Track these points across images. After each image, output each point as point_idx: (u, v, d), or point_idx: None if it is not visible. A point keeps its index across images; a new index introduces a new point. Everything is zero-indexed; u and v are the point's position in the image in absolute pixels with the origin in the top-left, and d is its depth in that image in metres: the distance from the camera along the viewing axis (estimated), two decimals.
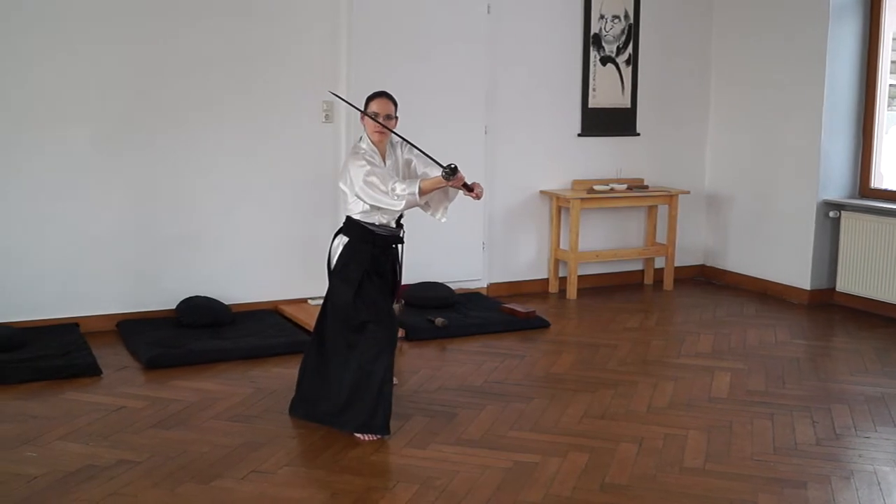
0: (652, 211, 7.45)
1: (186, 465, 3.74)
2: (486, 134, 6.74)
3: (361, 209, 4.20)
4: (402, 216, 4.34)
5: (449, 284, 6.51)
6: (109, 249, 5.72)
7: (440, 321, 5.80)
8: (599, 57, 7.17)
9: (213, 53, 5.86)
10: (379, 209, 4.17)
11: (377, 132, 4.24)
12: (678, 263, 7.51)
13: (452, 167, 3.96)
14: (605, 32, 7.17)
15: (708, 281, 7.70)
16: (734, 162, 7.50)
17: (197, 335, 5.48)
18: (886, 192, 6.68)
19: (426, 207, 4.28)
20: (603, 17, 7.14)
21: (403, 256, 4.46)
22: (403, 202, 4.04)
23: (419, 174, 4.33)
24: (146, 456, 3.81)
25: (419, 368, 5.10)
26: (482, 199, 4.34)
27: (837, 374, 5.18)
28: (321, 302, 4.39)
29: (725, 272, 7.60)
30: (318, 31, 6.15)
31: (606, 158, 7.31)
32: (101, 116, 5.62)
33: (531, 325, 6.03)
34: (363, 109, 4.30)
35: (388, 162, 4.31)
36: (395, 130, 4.28)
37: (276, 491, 3.52)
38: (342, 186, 4.25)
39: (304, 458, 3.90)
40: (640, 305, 6.79)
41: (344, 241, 4.24)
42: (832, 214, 6.75)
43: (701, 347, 5.65)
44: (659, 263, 7.51)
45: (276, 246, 6.19)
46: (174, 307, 5.85)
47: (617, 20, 7.20)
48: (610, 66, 7.23)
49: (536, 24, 6.91)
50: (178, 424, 4.18)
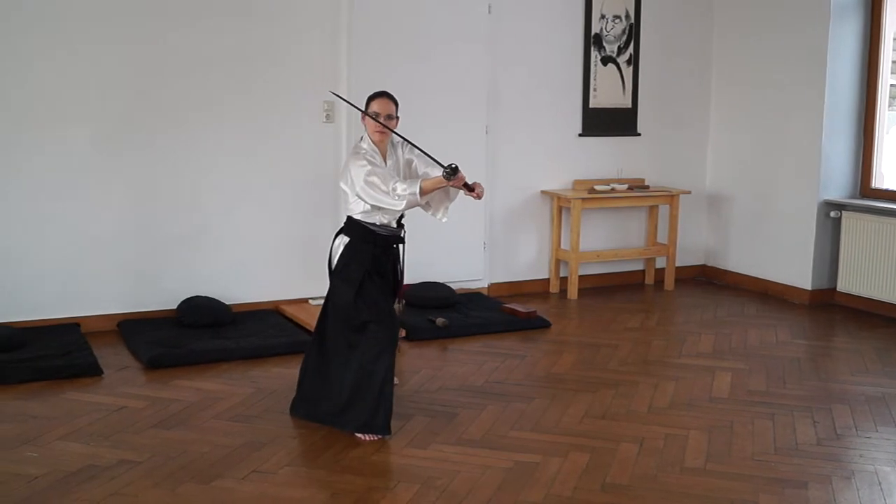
0: (653, 211, 7.45)
1: (187, 465, 3.74)
2: (486, 134, 6.74)
3: (362, 209, 4.20)
4: (402, 216, 4.34)
5: (450, 284, 6.51)
6: (110, 249, 5.72)
7: (441, 321, 5.80)
8: (600, 57, 7.17)
9: (213, 53, 5.87)
10: (380, 209, 4.17)
11: (378, 132, 4.24)
12: (679, 263, 7.51)
13: (453, 167, 3.96)
14: (605, 32, 7.16)
15: (709, 281, 7.70)
16: (735, 162, 7.50)
17: (198, 335, 5.48)
18: (887, 192, 6.67)
19: (427, 207, 4.28)
20: (604, 17, 7.14)
21: (405, 256, 4.46)
22: (404, 202, 4.04)
23: (420, 174, 4.33)
24: (147, 456, 3.81)
25: (420, 368, 5.10)
26: (483, 198, 4.34)
27: (838, 374, 5.18)
28: (322, 302, 4.38)
29: (726, 272, 7.59)
30: (318, 30, 6.15)
31: (607, 158, 7.31)
32: (101, 116, 5.62)
33: (532, 325, 6.03)
34: (364, 109, 4.30)
35: (388, 162, 4.31)
36: (395, 130, 4.28)
37: (276, 491, 3.52)
38: (343, 186, 4.25)
39: (304, 458, 3.90)
40: (641, 305, 6.79)
41: (345, 240, 4.24)
42: (833, 214, 6.75)
43: (702, 347, 5.65)
44: (660, 263, 7.51)
45: (276, 246, 6.19)
46: (175, 307, 5.85)
47: (618, 20, 7.20)
48: (611, 66, 7.22)
49: (537, 24, 6.90)
50: (178, 424, 4.18)
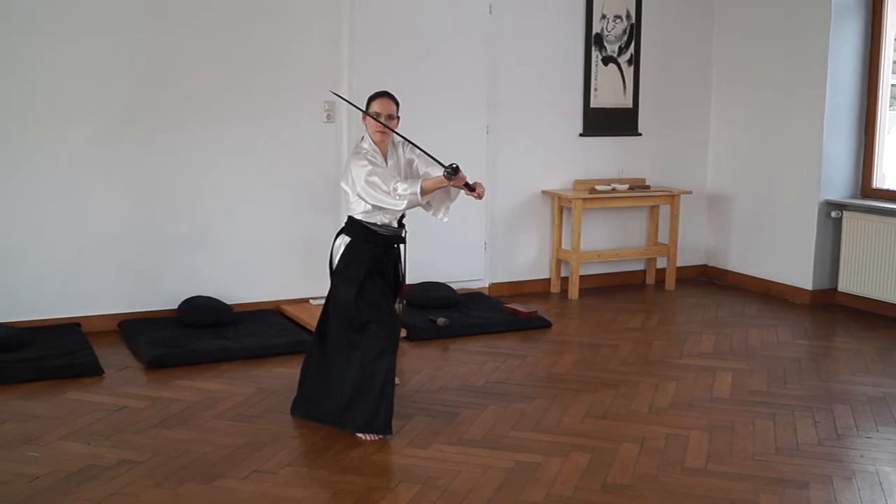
0: (654, 211, 7.45)
1: (188, 464, 3.74)
2: (487, 134, 6.74)
3: (363, 209, 4.20)
4: (403, 216, 4.34)
5: (451, 284, 6.51)
6: (111, 249, 5.72)
7: (442, 321, 5.80)
8: (601, 57, 7.17)
9: (214, 53, 5.87)
10: (381, 209, 4.17)
11: (379, 132, 4.25)
12: (680, 263, 7.50)
13: (454, 167, 3.97)
14: (606, 32, 7.16)
15: (710, 281, 7.70)
16: (736, 162, 7.49)
17: (199, 335, 5.49)
18: (888, 192, 6.67)
19: (428, 207, 4.28)
20: (604, 17, 7.14)
21: (406, 256, 4.46)
22: (405, 202, 4.04)
23: (421, 174, 4.33)
24: (148, 456, 3.81)
25: (421, 368, 5.10)
26: (484, 198, 4.34)
27: (839, 374, 5.18)
28: (323, 302, 4.38)
29: (727, 272, 7.59)
30: (319, 30, 6.15)
31: (608, 158, 7.31)
32: (101, 116, 5.62)
33: (533, 325, 6.03)
34: (365, 109, 4.30)
35: (389, 162, 4.31)
36: (396, 130, 4.28)
37: (277, 491, 3.52)
38: (344, 186, 4.25)
39: (305, 457, 3.90)
40: (641, 305, 6.79)
41: (346, 240, 4.24)
42: (834, 214, 6.75)
43: (703, 347, 5.65)
44: (661, 263, 7.50)
45: (277, 246, 6.19)
46: (176, 307, 5.85)
47: (618, 20, 7.20)
48: (612, 65, 7.22)
49: (538, 24, 6.90)
50: (179, 424, 4.18)
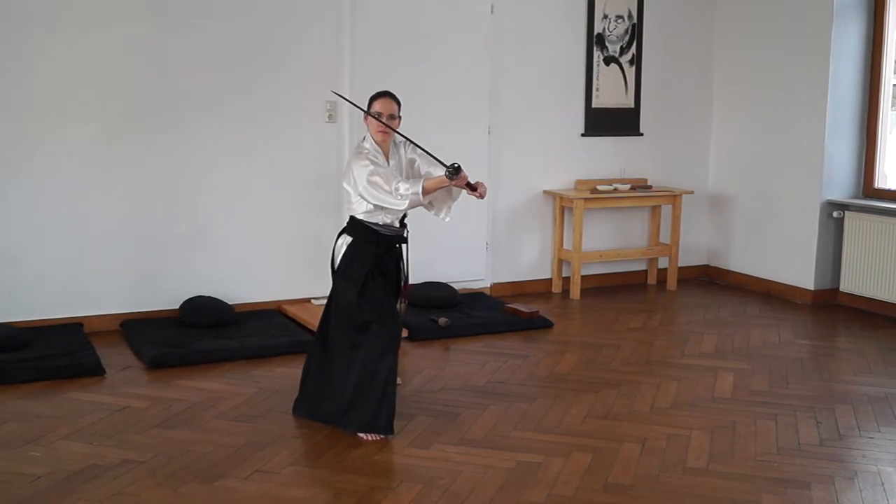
0: (655, 211, 7.45)
1: (190, 464, 3.74)
2: (489, 134, 6.74)
3: (365, 209, 4.20)
4: (405, 216, 4.33)
5: (452, 284, 6.51)
6: (112, 249, 5.72)
7: (443, 321, 5.80)
8: (603, 57, 7.17)
9: (215, 53, 5.87)
10: (382, 209, 4.17)
11: (380, 132, 4.25)
12: (681, 263, 7.50)
13: (456, 166, 3.97)
14: (608, 32, 7.16)
15: (711, 281, 7.69)
16: (738, 162, 7.49)
17: (200, 335, 5.49)
18: (890, 192, 6.66)
19: (430, 207, 4.28)
20: (606, 17, 7.14)
21: (408, 256, 4.46)
22: (407, 202, 4.04)
23: (423, 174, 4.33)
24: (149, 456, 3.81)
25: (422, 368, 5.10)
26: (485, 198, 4.34)
27: (841, 374, 5.17)
28: (325, 302, 4.39)
29: (729, 272, 7.59)
30: (320, 30, 6.15)
31: (610, 158, 7.31)
32: (102, 116, 5.62)
33: (534, 325, 6.03)
34: (366, 109, 4.30)
35: (391, 161, 4.31)
36: (398, 130, 4.28)
37: (279, 491, 3.52)
38: (346, 186, 4.25)
39: (307, 457, 3.90)
40: (643, 305, 6.79)
41: (348, 240, 4.24)
42: (836, 215, 6.75)
43: (704, 347, 5.65)
44: (662, 263, 7.50)
45: (279, 246, 6.19)
46: (178, 307, 5.85)
47: (620, 20, 7.20)
48: (613, 66, 7.22)
49: (540, 23, 6.90)
50: (181, 424, 4.19)
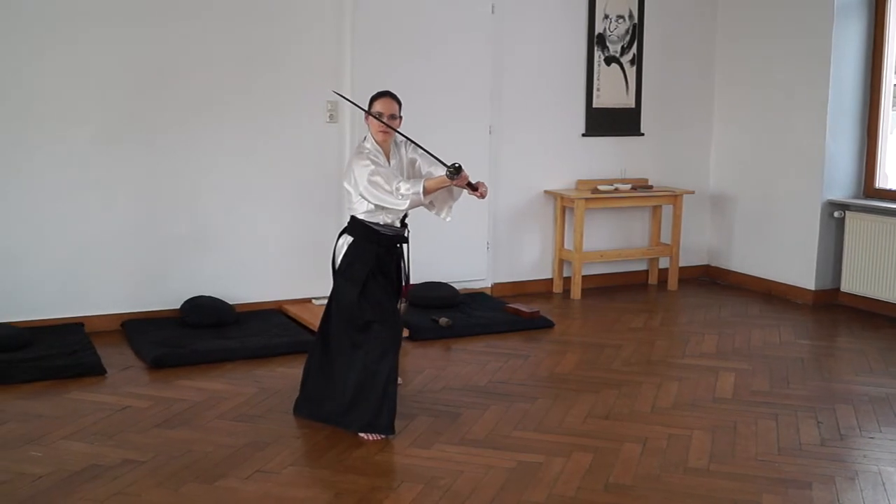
0: (656, 211, 7.45)
1: (191, 464, 3.74)
2: (490, 134, 6.74)
3: (366, 209, 4.20)
4: (406, 216, 4.34)
5: (453, 284, 6.51)
6: (113, 249, 5.72)
7: (444, 321, 5.80)
8: (604, 57, 7.17)
9: (216, 53, 5.87)
10: (383, 209, 4.17)
11: (381, 132, 4.25)
12: (682, 263, 7.50)
13: (457, 166, 3.97)
14: (609, 32, 7.16)
15: (712, 281, 7.69)
16: (738, 162, 7.49)
17: (201, 335, 5.49)
18: (891, 192, 6.66)
19: (431, 207, 4.28)
20: (607, 16, 7.14)
21: (410, 256, 4.46)
22: (408, 202, 4.04)
23: (423, 173, 4.33)
24: (150, 455, 3.81)
25: (423, 368, 5.10)
26: (486, 198, 4.34)
27: (842, 374, 5.17)
28: (326, 302, 4.39)
29: (730, 272, 7.59)
30: (321, 30, 6.15)
31: (611, 158, 7.31)
32: (103, 116, 5.62)
33: (535, 325, 6.03)
34: (367, 109, 4.31)
35: (392, 161, 4.31)
36: (399, 130, 4.28)
37: (280, 491, 3.52)
38: (346, 186, 4.25)
39: (308, 457, 3.90)
40: (644, 305, 6.79)
41: (349, 240, 4.24)
42: (837, 214, 6.75)
43: (705, 348, 5.65)
44: (663, 263, 7.50)
45: (280, 246, 6.19)
46: (179, 307, 5.85)
47: (621, 20, 7.20)
48: (614, 65, 7.22)
49: (541, 23, 6.90)
50: (182, 424, 4.19)
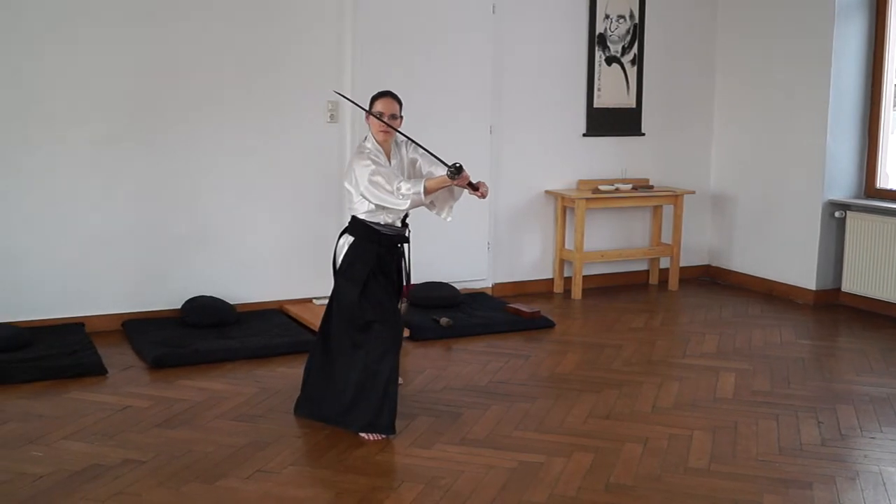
0: (657, 211, 7.44)
1: (191, 464, 3.74)
2: (490, 133, 6.74)
3: (367, 209, 4.20)
4: (407, 216, 4.34)
5: (454, 284, 6.51)
6: (114, 249, 5.72)
7: (445, 321, 5.80)
8: (604, 57, 7.17)
9: (216, 53, 5.87)
10: (384, 209, 4.17)
11: (382, 132, 4.25)
12: (683, 263, 7.50)
13: (457, 166, 3.97)
14: (610, 32, 7.16)
15: (713, 281, 7.69)
16: (739, 162, 7.49)
17: (202, 335, 5.49)
18: (892, 192, 6.66)
19: (431, 207, 4.28)
20: (608, 16, 7.13)
21: (410, 256, 4.46)
22: (408, 201, 4.04)
23: (424, 173, 4.33)
24: (151, 455, 3.81)
25: (424, 368, 5.10)
26: (487, 198, 4.34)
27: (843, 374, 5.17)
28: (326, 302, 4.39)
29: (730, 272, 7.59)
30: (322, 30, 6.15)
31: (611, 158, 7.31)
32: (103, 116, 5.61)
33: (536, 325, 6.03)
34: (368, 109, 4.31)
35: (393, 161, 4.31)
36: (400, 130, 4.28)
37: (280, 490, 3.53)
38: (347, 186, 4.25)
39: (309, 457, 3.90)
40: (644, 305, 6.79)
41: (349, 240, 4.24)
42: (837, 214, 6.74)
43: (706, 348, 5.65)
44: (664, 263, 7.50)
45: (281, 246, 6.19)
46: (179, 307, 5.85)
47: (622, 20, 7.20)
48: (615, 65, 7.22)
49: (541, 23, 6.90)
50: (183, 424, 4.19)
